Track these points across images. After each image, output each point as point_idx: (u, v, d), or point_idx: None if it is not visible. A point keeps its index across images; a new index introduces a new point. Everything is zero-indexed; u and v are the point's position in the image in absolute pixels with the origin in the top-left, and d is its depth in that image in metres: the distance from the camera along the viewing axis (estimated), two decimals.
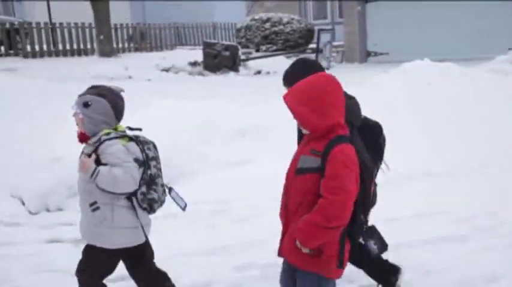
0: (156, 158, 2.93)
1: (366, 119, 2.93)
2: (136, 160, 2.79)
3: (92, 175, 2.73)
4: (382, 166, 3.06)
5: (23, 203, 5.23)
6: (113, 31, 16.31)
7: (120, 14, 19.18)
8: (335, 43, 16.68)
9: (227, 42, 16.49)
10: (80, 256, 3.02)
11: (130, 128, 2.95)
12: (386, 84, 8.29)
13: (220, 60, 14.41)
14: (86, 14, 16.18)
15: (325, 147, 2.35)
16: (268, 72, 14.34)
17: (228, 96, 8.84)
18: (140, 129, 2.97)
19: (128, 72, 13.29)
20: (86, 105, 2.80)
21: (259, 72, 14.54)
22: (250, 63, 15.37)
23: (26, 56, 14.63)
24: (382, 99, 7.52)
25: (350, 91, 2.96)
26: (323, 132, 2.39)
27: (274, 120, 6.79)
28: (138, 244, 2.94)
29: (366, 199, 2.44)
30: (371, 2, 16.26)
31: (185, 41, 20.00)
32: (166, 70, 14.11)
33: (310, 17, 21.69)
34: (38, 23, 15.34)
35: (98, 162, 2.77)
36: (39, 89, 8.86)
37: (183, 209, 3.04)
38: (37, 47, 14.99)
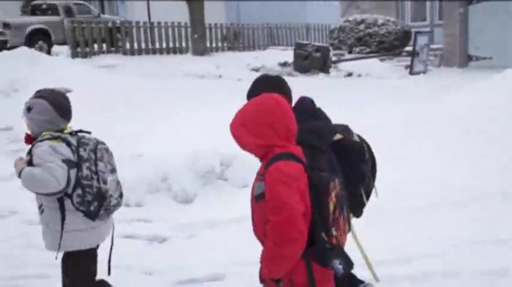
0: (89, 160, 2.81)
1: (348, 140, 2.61)
2: (66, 161, 2.73)
3: (19, 175, 2.75)
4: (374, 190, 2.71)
5: None
6: (207, 31, 16.68)
7: (215, 14, 19.60)
8: (433, 46, 15.90)
9: (318, 44, 16.27)
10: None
11: (81, 131, 2.95)
12: (488, 91, 7.69)
13: (310, 61, 14.23)
14: (182, 14, 16.68)
15: (264, 169, 2.21)
16: (359, 75, 13.94)
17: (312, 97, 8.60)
18: (89, 133, 2.96)
19: (219, 71, 13.48)
20: (28, 109, 2.88)
21: (350, 74, 14.16)
22: (342, 65, 15.03)
23: (125, 53, 15.33)
24: (482, 107, 6.98)
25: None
26: (261, 153, 2.27)
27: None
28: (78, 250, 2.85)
29: (324, 215, 2.21)
30: (474, 4, 15.30)
31: (278, 41, 20.03)
32: (256, 70, 14.14)
33: (407, 18, 20.86)
34: (137, 22, 16.03)
35: (31, 163, 2.78)
36: (130, 84, 9.14)
37: None
38: (136, 45, 15.66)
